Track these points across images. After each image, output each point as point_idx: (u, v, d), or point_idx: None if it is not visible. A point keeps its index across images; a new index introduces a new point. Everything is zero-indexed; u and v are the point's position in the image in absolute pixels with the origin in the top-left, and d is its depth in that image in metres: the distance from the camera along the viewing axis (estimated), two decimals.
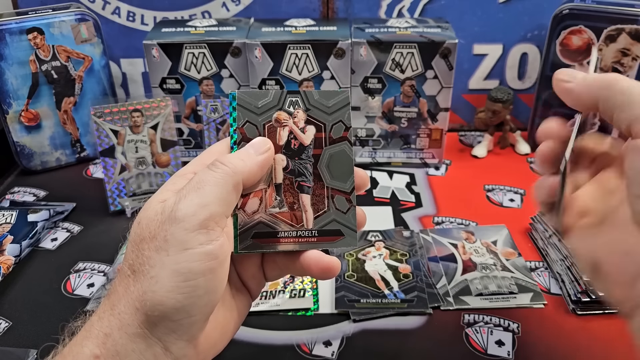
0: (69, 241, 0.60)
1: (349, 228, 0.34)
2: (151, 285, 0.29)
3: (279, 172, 0.34)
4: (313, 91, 0.34)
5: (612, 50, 0.66)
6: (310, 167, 0.34)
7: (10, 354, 0.45)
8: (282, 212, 0.34)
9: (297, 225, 0.34)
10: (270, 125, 0.34)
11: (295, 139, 0.34)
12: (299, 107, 0.34)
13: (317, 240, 0.34)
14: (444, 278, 0.53)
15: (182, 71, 0.69)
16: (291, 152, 0.34)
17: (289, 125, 0.34)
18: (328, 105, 0.34)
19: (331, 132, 0.34)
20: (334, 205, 0.34)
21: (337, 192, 0.34)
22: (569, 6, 0.67)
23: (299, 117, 0.34)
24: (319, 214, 0.34)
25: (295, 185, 0.34)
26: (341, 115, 0.34)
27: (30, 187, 0.70)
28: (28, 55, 0.68)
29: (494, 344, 0.46)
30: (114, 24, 0.80)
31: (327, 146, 0.34)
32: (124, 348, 0.29)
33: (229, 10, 0.80)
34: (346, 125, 0.34)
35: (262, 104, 0.34)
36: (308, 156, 0.34)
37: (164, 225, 0.30)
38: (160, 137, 0.64)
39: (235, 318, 0.35)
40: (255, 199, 0.33)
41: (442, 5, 0.78)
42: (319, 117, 0.34)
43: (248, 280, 0.36)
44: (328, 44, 0.67)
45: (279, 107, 0.34)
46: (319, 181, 0.34)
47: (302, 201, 0.34)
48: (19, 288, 0.53)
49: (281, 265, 0.35)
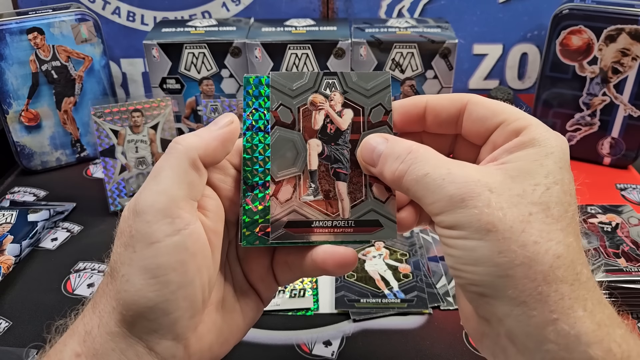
0: (69, 241, 0.60)
1: (388, 219, 0.32)
2: (122, 284, 0.28)
3: (314, 158, 0.32)
4: (351, 73, 0.32)
5: (612, 50, 0.66)
6: (347, 153, 0.32)
7: (10, 354, 0.45)
8: (316, 200, 0.32)
9: (333, 215, 0.32)
10: (305, 108, 0.32)
11: (331, 123, 0.32)
12: (336, 90, 0.32)
13: (353, 231, 0.32)
14: (444, 278, 0.53)
15: (182, 71, 0.69)
16: (327, 137, 0.32)
17: (324, 109, 0.32)
18: (367, 88, 0.32)
19: (370, 116, 0.32)
20: (372, 194, 0.32)
21: (376, 180, 0.32)
22: (569, 6, 0.67)
23: (335, 100, 0.32)
24: (356, 203, 0.32)
25: (331, 172, 0.32)
26: (381, 98, 0.32)
27: (30, 187, 0.70)
28: (28, 55, 0.68)
29: None
30: (114, 24, 0.80)
31: (366, 131, 0.32)
32: (102, 347, 0.28)
33: (229, 10, 0.80)
34: (386, 109, 0.32)
35: (297, 86, 0.32)
36: (345, 141, 0.32)
37: (129, 220, 0.29)
38: (161, 137, 0.64)
39: (240, 322, 0.34)
40: (289, 186, 0.32)
41: (442, 5, 0.78)
42: (357, 100, 0.32)
43: (256, 282, 0.35)
44: (328, 44, 0.67)
45: (315, 90, 0.32)
46: (356, 168, 0.32)
47: (338, 189, 0.32)
48: (19, 288, 0.53)
49: (293, 266, 0.33)
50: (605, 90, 0.68)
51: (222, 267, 0.33)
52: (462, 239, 0.26)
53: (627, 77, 0.66)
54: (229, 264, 0.34)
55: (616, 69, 0.67)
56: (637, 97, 0.67)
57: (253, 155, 0.33)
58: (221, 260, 0.33)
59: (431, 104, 0.32)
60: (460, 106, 0.31)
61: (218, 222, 0.32)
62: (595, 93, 0.69)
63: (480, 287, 0.26)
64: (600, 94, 0.68)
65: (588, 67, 0.68)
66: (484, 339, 0.29)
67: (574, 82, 0.69)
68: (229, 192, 0.33)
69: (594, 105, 0.69)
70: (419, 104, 0.32)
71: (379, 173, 0.30)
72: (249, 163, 0.33)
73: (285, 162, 0.32)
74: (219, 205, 0.32)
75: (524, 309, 0.25)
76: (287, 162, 0.32)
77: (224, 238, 0.33)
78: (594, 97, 0.69)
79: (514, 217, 0.26)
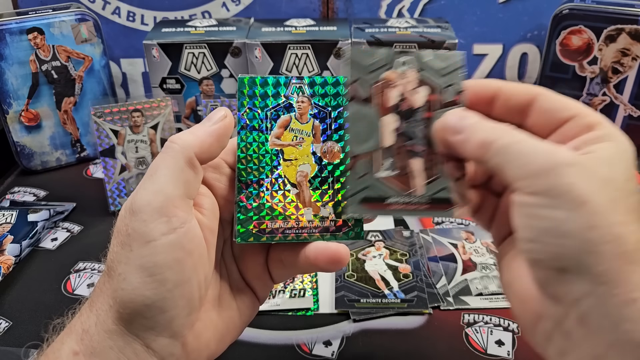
0: (69, 241, 0.60)
1: (460, 196, 0.32)
2: (119, 283, 0.28)
3: (389, 134, 0.32)
4: (426, 52, 0.33)
5: (612, 50, 0.66)
6: (421, 130, 0.32)
7: (10, 354, 0.45)
8: (391, 176, 0.32)
9: (407, 191, 0.32)
10: (380, 84, 0.32)
11: (405, 100, 0.32)
12: (411, 68, 0.33)
13: (427, 207, 0.32)
14: (444, 278, 0.53)
15: (182, 71, 0.69)
16: (401, 113, 0.32)
17: (399, 86, 0.32)
18: (441, 67, 0.33)
19: (443, 95, 0.32)
20: (446, 171, 0.32)
21: (449, 158, 0.32)
22: (569, 6, 0.67)
23: (410, 77, 0.32)
24: (429, 180, 0.32)
25: (406, 148, 0.32)
26: (454, 78, 0.32)
27: (30, 187, 0.70)
28: (28, 55, 0.68)
29: (494, 343, 0.46)
30: (114, 24, 0.80)
31: (439, 109, 0.32)
32: (100, 345, 0.28)
33: (229, 10, 0.80)
34: (459, 89, 0.32)
35: (372, 62, 0.32)
36: (419, 119, 0.32)
37: (125, 219, 0.29)
38: (161, 137, 0.64)
39: (236, 319, 0.34)
40: (364, 162, 0.32)
41: (442, 5, 0.78)
42: (431, 79, 0.33)
43: (252, 280, 0.35)
44: (328, 44, 0.67)
45: (390, 67, 0.33)
46: (430, 146, 0.32)
47: (412, 166, 0.32)
48: (19, 288, 0.53)
49: (287, 263, 0.33)
50: (605, 90, 0.68)
51: (217, 265, 0.34)
52: (551, 209, 0.26)
53: (627, 77, 0.66)
54: (224, 262, 0.35)
55: (616, 69, 0.67)
56: (637, 97, 0.67)
57: (247, 153, 0.34)
58: (217, 258, 0.33)
59: (504, 88, 0.32)
60: (531, 96, 0.31)
61: (213, 220, 0.32)
62: (595, 93, 0.69)
63: (564, 261, 0.26)
64: (600, 94, 0.68)
65: (588, 67, 0.68)
66: (542, 322, 0.28)
67: (574, 82, 0.69)
68: (224, 190, 0.33)
69: (594, 105, 0.69)
70: (491, 86, 0.32)
71: (463, 140, 0.30)
72: (243, 161, 0.33)
73: (360, 137, 0.32)
74: (214, 204, 0.33)
75: (606, 288, 0.25)
76: (362, 137, 0.32)
77: (219, 236, 0.33)
78: (594, 97, 0.69)
79: (604, 197, 0.25)
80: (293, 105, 0.34)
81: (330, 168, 0.34)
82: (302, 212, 0.33)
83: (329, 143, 0.34)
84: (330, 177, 0.34)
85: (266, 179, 0.33)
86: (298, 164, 0.34)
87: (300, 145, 0.34)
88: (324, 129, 0.34)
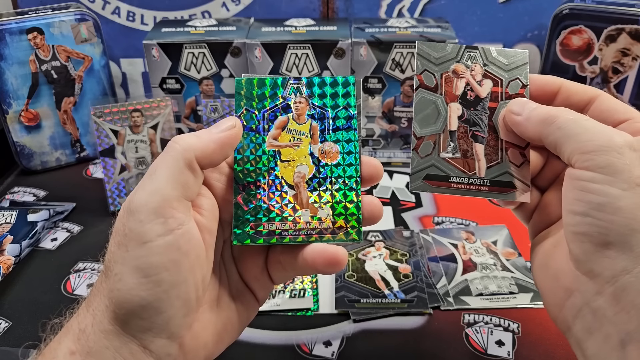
0: (69, 241, 0.60)
1: (522, 182, 0.34)
2: (115, 283, 0.28)
3: (454, 119, 0.35)
4: (491, 48, 0.36)
5: (612, 50, 0.66)
6: (485, 118, 0.35)
7: (11, 354, 0.45)
8: (454, 157, 0.35)
9: (469, 173, 0.34)
10: (447, 75, 0.35)
11: (471, 90, 0.35)
12: (477, 62, 0.35)
13: (488, 189, 0.34)
14: (444, 278, 0.53)
15: (182, 71, 0.69)
16: (467, 102, 0.35)
17: (465, 77, 0.35)
18: (506, 63, 0.35)
19: (507, 88, 0.35)
20: (508, 157, 0.34)
21: (512, 145, 0.34)
22: (569, 6, 0.67)
23: (476, 70, 0.35)
24: (491, 164, 0.34)
25: (470, 134, 0.35)
26: (519, 73, 0.35)
27: (30, 187, 0.70)
28: (28, 55, 0.68)
29: (494, 344, 0.46)
30: (114, 24, 0.80)
31: (503, 100, 0.35)
32: (96, 344, 0.28)
33: (229, 10, 0.80)
34: (523, 83, 0.35)
35: (441, 56, 0.35)
36: (484, 108, 0.35)
37: (122, 219, 0.29)
38: (160, 137, 0.64)
39: (235, 320, 0.34)
40: (429, 142, 0.35)
41: (442, 5, 0.78)
42: (496, 73, 0.35)
43: (251, 281, 0.35)
44: (328, 44, 0.67)
45: (457, 60, 0.35)
46: (493, 133, 0.35)
47: (475, 150, 0.35)
48: (19, 288, 0.53)
49: (286, 265, 0.33)
50: (605, 90, 0.68)
51: (217, 266, 0.34)
52: (606, 185, 0.27)
53: (627, 77, 0.66)
54: (224, 263, 0.35)
55: (616, 69, 0.67)
56: (637, 97, 0.67)
57: (244, 155, 0.33)
58: (216, 259, 0.33)
59: (567, 85, 0.34)
60: (592, 96, 0.33)
61: (212, 221, 0.32)
62: None
63: (609, 237, 0.27)
64: None
65: (588, 67, 0.68)
66: (572, 298, 0.29)
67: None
68: (224, 191, 0.33)
69: None
70: (554, 83, 0.35)
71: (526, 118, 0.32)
72: (240, 162, 0.33)
73: (426, 121, 0.35)
74: (214, 204, 0.32)
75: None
76: (428, 120, 0.35)
77: (219, 237, 0.33)
78: None
79: None
80: (290, 106, 0.34)
81: (328, 169, 0.34)
82: (300, 213, 0.33)
83: (327, 144, 0.34)
84: (328, 178, 0.34)
85: (263, 180, 0.33)
86: (295, 165, 0.34)
87: (298, 146, 0.34)
88: (322, 130, 0.34)
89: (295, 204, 0.33)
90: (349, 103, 0.34)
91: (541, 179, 0.36)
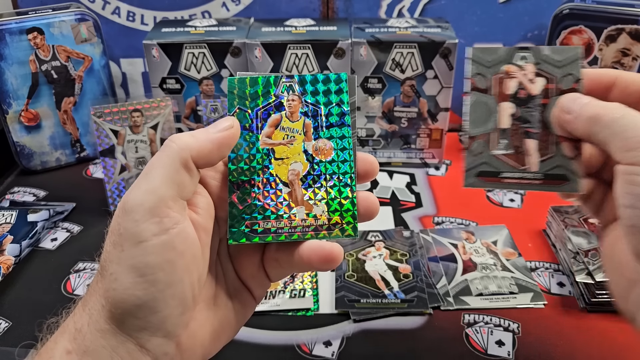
0: (69, 241, 0.60)
1: (574, 174, 0.35)
2: (111, 283, 0.28)
3: (506, 117, 0.36)
4: (544, 47, 0.36)
5: (612, 50, 0.66)
6: (537, 115, 0.35)
7: (11, 354, 0.45)
8: (507, 154, 0.36)
9: (522, 168, 0.35)
10: (499, 76, 0.36)
11: (523, 89, 0.36)
12: (529, 62, 0.36)
13: (541, 183, 0.35)
14: (444, 278, 0.53)
15: (182, 71, 0.69)
16: (519, 100, 0.36)
17: (517, 77, 0.36)
18: (558, 60, 0.36)
19: (560, 84, 0.35)
20: (561, 151, 0.35)
21: (565, 139, 0.35)
22: (569, 6, 0.67)
23: (528, 69, 0.36)
24: (544, 158, 0.35)
25: (522, 131, 0.36)
26: (572, 69, 0.35)
27: (30, 187, 0.70)
28: (28, 55, 0.68)
29: (494, 344, 0.46)
30: (114, 24, 0.80)
31: (556, 96, 0.35)
32: (93, 344, 0.28)
33: (229, 10, 0.80)
34: (577, 78, 0.35)
35: (493, 59, 0.36)
36: (536, 105, 0.36)
37: (118, 218, 0.29)
38: (160, 137, 0.64)
39: (232, 319, 0.34)
40: (481, 141, 0.36)
41: (442, 5, 0.78)
42: (548, 70, 0.36)
43: (248, 280, 0.35)
44: (328, 44, 0.67)
45: (508, 62, 0.36)
46: (545, 128, 0.35)
47: (527, 146, 0.35)
48: (19, 288, 0.53)
49: (282, 262, 0.33)
50: None
51: (213, 265, 0.34)
52: None
53: None
54: (220, 262, 0.34)
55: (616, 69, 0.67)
56: None
57: (238, 154, 0.33)
58: (212, 258, 0.33)
59: (623, 76, 0.34)
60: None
61: (208, 219, 0.32)
62: None
63: None
64: None
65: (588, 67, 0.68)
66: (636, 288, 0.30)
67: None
68: (219, 189, 0.33)
69: None
70: (609, 75, 0.35)
71: (575, 116, 0.33)
72: (234, 161, 0.33)
73: (479, 121, 0.36)
74: (209, 203, 0.32)
75: None
76: (480, 120, 0.36)
77: (214, 235, 0.33)
78: None
79: None
80: (283, 103, 0.34)
81: (323, 166, 0.34)
82: (295, 210, 0.33)
83: (320, 140, 0.34)
84: (322, 174, 0.34)
85: (258, 179, 0.33)
86: (289, 163, 0.34)
87: (292, 144, 0.34)
88: (315, 127, 0.34)
89: (290, 201, 0.33)
90: (342, 100, 0.34)
91: (606, 172, 0.36)
